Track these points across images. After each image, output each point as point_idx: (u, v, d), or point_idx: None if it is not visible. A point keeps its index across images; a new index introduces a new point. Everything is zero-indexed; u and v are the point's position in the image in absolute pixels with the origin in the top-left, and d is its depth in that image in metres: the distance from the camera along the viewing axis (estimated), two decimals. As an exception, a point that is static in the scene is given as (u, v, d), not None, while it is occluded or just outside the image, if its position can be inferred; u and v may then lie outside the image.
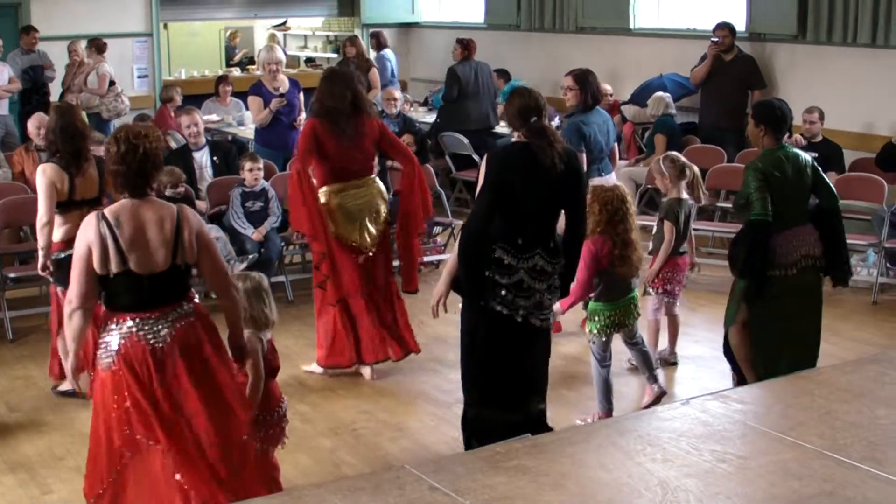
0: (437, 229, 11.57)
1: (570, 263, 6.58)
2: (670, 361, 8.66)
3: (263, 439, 6.07)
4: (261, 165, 10.41)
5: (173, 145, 12.17)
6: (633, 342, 7.74)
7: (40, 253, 7.62)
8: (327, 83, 8.31)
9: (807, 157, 7.39)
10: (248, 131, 14.08)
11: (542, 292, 6.40)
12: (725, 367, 7.80)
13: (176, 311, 5.53)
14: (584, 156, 8.77)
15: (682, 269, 8.56)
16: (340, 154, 8.19)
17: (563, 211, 6.52)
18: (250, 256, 9.94)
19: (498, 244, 6.28)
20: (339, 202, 8.23)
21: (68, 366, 5.69)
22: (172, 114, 13.93)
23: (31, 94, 14.97)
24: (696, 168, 8.57)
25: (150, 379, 5.44)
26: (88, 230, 5.42)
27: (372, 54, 16.75)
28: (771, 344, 7.31)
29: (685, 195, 8.43)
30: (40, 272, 7.76)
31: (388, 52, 17.03)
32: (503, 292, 6.30)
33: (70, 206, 7.59)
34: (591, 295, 7.51)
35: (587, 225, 6.98)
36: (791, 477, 3.89)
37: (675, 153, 8.79)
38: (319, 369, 8.45)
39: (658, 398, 7.71)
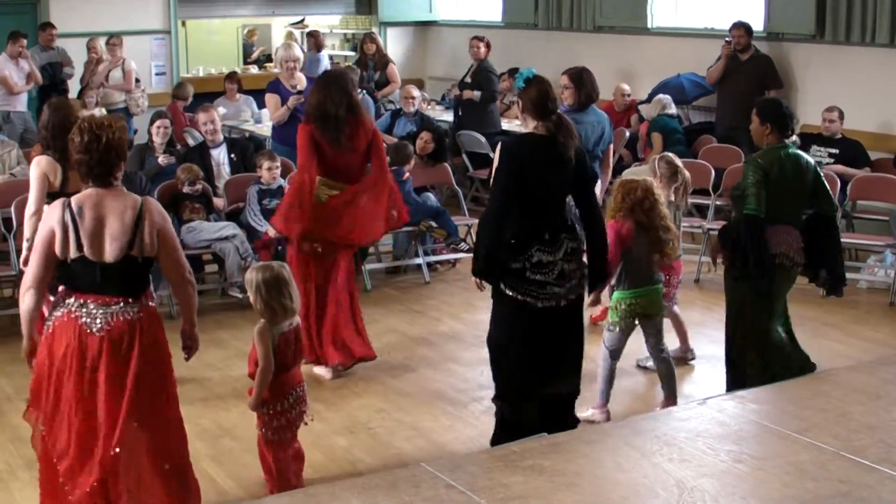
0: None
1: (595, 250, 6.60)
2: (687, 359, 8.64)
3: (275, 429, 6.23)
4: (279, 164, 10.43)
5: (191, 142, 12.20)
6: (659, 351, 7.70)
7: (25, 245, 7.68)
8: (322, 88, 8.23)
9: (809, 160, 7.36)
10: (264, 129, 14.11)
11: (579, 269, 6.51)
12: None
13: (119, 304, 5.58)
14: None
15: (677, 272, 8.54)
16: (336, 159, 8.13)
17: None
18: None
19: (534, 247, 6.33)
20: (318, 195, 8.14)
21: (23, 346, 5.80)
22: (182, 111, 14.00)
23: (50, 90, 14.98)
24: (687, 174, 8.57)
25: (71, 359, 5.55)
26: (53, 216, 5.57)
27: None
28: (768, 345, 7.33)
29: (673, 198, 8.44)
30: (21, 266, 7.81)
31: (324, 55, 16.98)
32: (547, 288, 6.37)
33: (61, 198, 7.64)
34: (613, 283, 7.50)
35: (610, 213, 7.25)
36: (807, 478, 3.89)
37: (670, 154, 8.77)
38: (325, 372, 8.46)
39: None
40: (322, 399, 7.94)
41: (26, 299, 5.62)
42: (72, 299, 5.59)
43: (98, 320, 5.55)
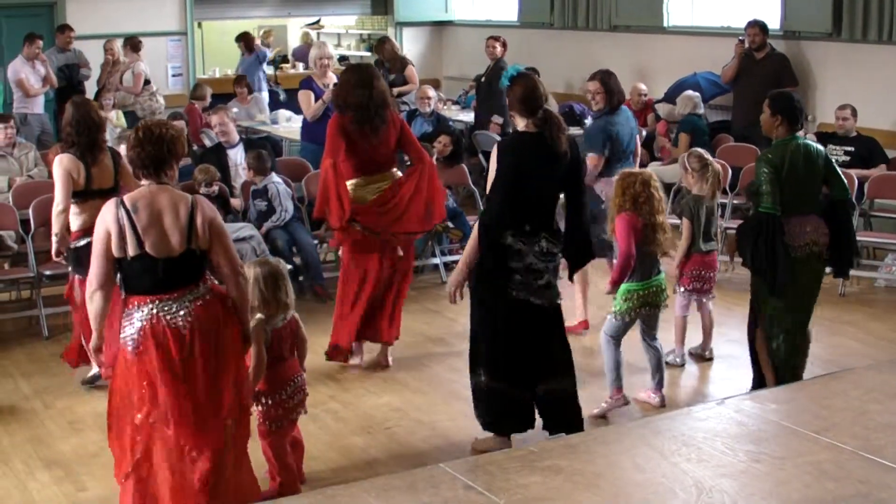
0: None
1: (575, 243, 6.80)
2: (706, 357, 8.65)
3: (272, 419, 6.37)
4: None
5: (207, 143, 12.22)
6: (652, 336, 7.79)
7: (54, 239, 7.83)
8: (353, 78, 8.34)
9: (819, 148, 7.44)
10: (280, 129, 14.13)
11: (549, 272, 6.69)
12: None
13: (192, 292, 5.71)
14: (602, 158, 8.95)
15: (711, 266, 8.55)
16: (367, 149, 8.24)
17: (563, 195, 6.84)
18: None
19: (507, 231, 6.55)
20: (363, 195, 8.29)
21: (91, 344, 5.93)
22: (200, 112, 14.02)
23: (67, 92, 15.00)
24: (717, 167, 8.57)
25: (173, 358, 5.62)
26: (107, 215, 5.64)
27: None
28: (789, 343, 7.39)
29: (704, 191, 8.44)
30: (54, 258, 7.98)
31: (263, 52, 16.83)
32: (517, 277, 6.59)
33: (87, 195, 7.79)
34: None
35: (614, 207, 7.38)
36: (826, 478, 3.88)
37: (700, 150, 8.77)
38: (357, 360, 8.59)
39: (660, 404, 7.79)
40: (339, 399, 7.95)
41: (95, 300, 5.70)
42: (147, 306, 5.63)
43: (181, 312, 5.65)
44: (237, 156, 11.03)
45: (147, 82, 15.34)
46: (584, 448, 4.25)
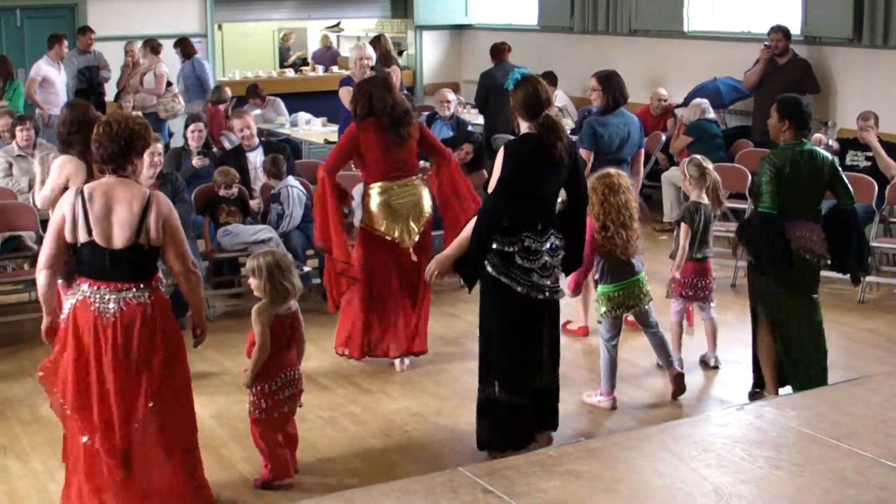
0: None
1: (576, 242, 6.90)
2: (711, 365, 8.64)
3: (263, 409, 6.54)
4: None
5: (227, 146, 12.25)
6: (648, 326, 7.93)
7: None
8: (383, 86, 8.48)
9: (826, 155, 7.47)
10: (300, 132, 14.15)
11: (558, 268, 6.87)
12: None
13: (129, 290, 5.87)
14: (592, 154, 8.96)
15: (705, 274, 8.54)
16: (393, 154, 8.34)
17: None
18: (306, 269, 9.98)
19: (523, 233, 6.66)
20: (385, 200, 8.38)
21: (42, 325, 6.20)
22: (222, 114, 14.05)
23: (87, 94, 15.07)
24: (716, 175, 8.56)
25: (85, 343, 5.87)
26: (66, 201, 5.94)
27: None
28: (792, 342, 7.50)
29: (705, 199, 8.43)
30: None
31: (197, 59, 16.20)
32: (534, 276, 6.70)
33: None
34: (596, 277, 7.76)
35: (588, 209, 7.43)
36: (846, 485, 3.86)
37: (699, 157, 8.75)
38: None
39: (678, 380, 7.96)
40: (357, 403, 7.96)
41: (39, 279, 6.02)
42: (86, 286, 5.89)
43: (111, 305, 5.84)
44: (257, 158, 11.06)
45: (169, 84, 15.38)
46: (603, 453, 4.24)
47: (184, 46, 15.80)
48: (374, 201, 8.39)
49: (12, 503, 6.54)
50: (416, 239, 8.47)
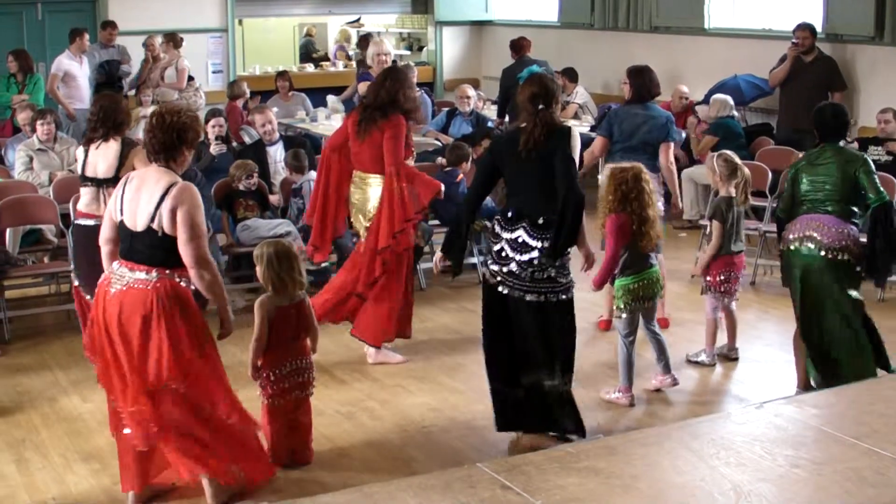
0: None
1: (561, 227, 6.77)
2: (731, 357, 8.64)
3: (270, 396, 6.71)
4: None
5: (247, 140, 12.26)
6: (650, 327, 7.92)
7: None
8: (408, 77, 8.73)
9: (855, 155, 7.58)
10: (320, 127, 14.15)
11: (522, 264, 6.81)
12: (794, 369, 7.90)
13: (140, 272, 6.01)
14: (605, 140, 9.24)
15: (738, 268, 8.55)
16: (353, 143, 8.55)
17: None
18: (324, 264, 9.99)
19: (495, 217, 7.02)
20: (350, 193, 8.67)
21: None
22: (240, 109, 14.07)
23: (107, 88, 15.10)
24: (747, 171, 8.55)
25: (101, 317, 6.09)
26: (118, 185, 6.23)
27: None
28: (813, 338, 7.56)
29: (734, 193, 8.42)
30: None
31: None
32: (489, 259, 7.01)
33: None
34: (616, 272, 7.74)
35: (606, 205, 7.57)
36: (866, 484, 3.85)
37: (729, 153, 8.73)
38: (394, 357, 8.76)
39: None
40: (375, 398, 7.96)
41: (102, 251, 6.32)
42: (116, 263, 6.17)
43: (117, 283, 6.04)
44: (277, 153, 11.08)
45: (191, 78, 15.41)
46: (622, 450, 4.24)
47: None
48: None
49: (31, 495, 6.56)
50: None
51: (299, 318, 6.76)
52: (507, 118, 14.47)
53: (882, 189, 7.43)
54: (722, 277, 8.41)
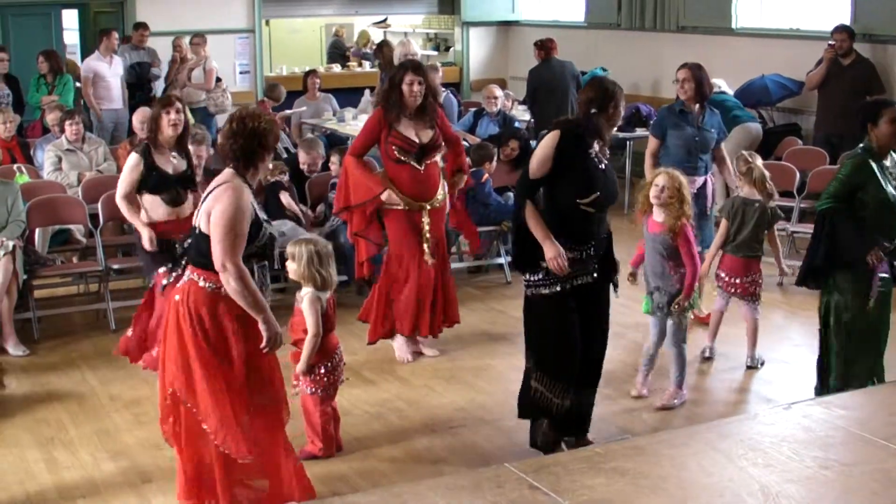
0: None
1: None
2: (748, 366, 8.53)
3: (324, 387, 6.86)
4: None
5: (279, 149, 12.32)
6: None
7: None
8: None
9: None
10: (347, 127, 14.17)
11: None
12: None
13: (186, 271, 5.99)
14: (657, 141, 9.36)
15: (748, 271, 8.44)
16: None
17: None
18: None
19: None
20: None
21: None
22: (271, 111, 14.11)
23: (136, 89, 15.19)
24: (759, 163, 8.51)
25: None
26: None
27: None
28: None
29: (755, 195, 8.39)
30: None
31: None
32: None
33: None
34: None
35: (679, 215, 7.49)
36: (895, 485, 3.84)
37: (746, 153, 8.71)
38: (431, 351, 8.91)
39: (665, 406, 7.78)
40: (403, 398, 7.97)
41: None
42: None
43: (165, 280, 6.23)
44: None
45: (219, 79, 15.46)
46: (649, 450, 4.24)
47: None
48: None
49: (60, 494, 6.59)
50: None
51: (333, 312, 6.93)
52: (531, 120, 14.50)
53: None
54: (731, 279, 8.38)
